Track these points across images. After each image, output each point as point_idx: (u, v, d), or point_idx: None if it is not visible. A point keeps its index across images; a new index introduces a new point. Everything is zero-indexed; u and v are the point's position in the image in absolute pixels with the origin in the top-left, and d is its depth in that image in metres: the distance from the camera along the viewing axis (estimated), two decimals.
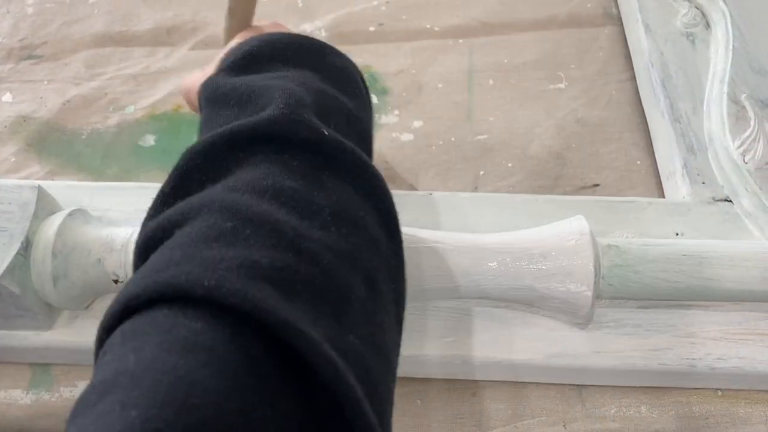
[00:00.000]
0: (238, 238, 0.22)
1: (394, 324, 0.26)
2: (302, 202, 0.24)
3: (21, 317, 0.41)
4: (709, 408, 0.41)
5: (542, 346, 0.41)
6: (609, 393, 0.42)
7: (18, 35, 0.68)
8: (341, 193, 0.26)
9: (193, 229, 0.23)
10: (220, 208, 0.23)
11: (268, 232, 0.23)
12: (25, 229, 0.40)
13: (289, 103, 0.27)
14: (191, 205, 0.25)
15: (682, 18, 0.60)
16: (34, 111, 0.61)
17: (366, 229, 0.26)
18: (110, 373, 0.19)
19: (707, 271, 0.40)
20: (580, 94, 0.61)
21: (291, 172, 0.26)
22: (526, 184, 0.54)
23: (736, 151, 0.48)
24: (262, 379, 0.19)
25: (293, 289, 0.21)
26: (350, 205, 0.26)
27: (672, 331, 0.42)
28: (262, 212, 0.23)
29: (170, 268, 0.21)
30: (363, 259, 0.25)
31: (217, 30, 0.68)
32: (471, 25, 0.67)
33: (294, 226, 0.23)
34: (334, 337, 0.21)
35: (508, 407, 0.42)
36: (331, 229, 0.24)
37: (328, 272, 0.23)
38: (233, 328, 0.19)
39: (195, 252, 0.22)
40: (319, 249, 0.23)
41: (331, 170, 0.27)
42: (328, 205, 0.25)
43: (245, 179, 0.25)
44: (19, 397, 0.43)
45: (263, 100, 0.28)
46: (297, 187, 0.25)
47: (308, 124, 0.27)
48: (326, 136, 0.27)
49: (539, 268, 0.39)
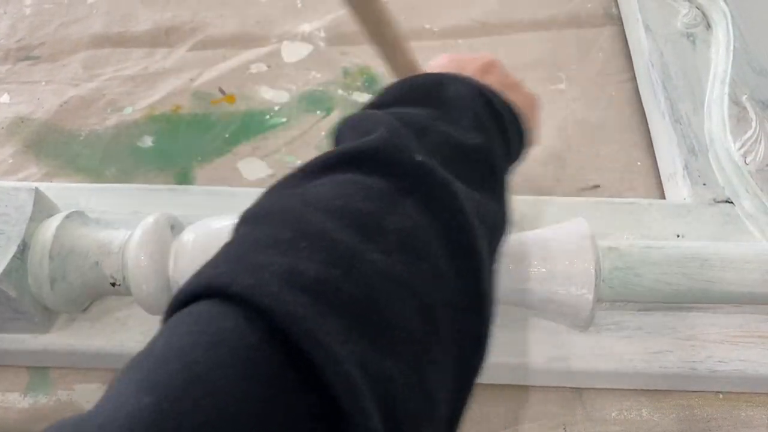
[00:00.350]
0: (292, 249, 0.22)
1: (452, 366, 0.25)
2: (370, 225, 0.24)
3: (18, 320, 0.41)
4: (710, 411, 0.41)
5: (543, 349, 0.41)
6: (610, 396, 0.42)
7: (16, 36, 0.68)
8: (417, 220, 0.26)
9: (254, 234, 0.24)
10: (286, 218, 0.24)
11: (323, 247, 0.23)
12: (22, 232, 0.40)
13: (389, 131, 0.28)
14: (264, 207, 0.26)
15: (683, 18, 0.60)
16: (31, 112, 0.61)
17: (433, 261, 0.25)
18: (141, 353, 0.20)
19: (708, 274, 0.39)
20: (580, 94, 0.60)
21: (370, 193, 0.26)
22: (526, 184, 0.54)
23: (737, 152, 0.47)
24: (278, 390, 0.19)
25: (332, 304, 0.21)
26: (421, 234, 0.25)
27: (673, 334, 0.41)
28: (324, 229, 0.24)
29: (220, 266, 0.22)
30: (420, 291, 0.24)
31: (216, 31, 0.68)
32: (470, 26, 0.67)
33: (351, 246, 0.23)
34: (365, 360, 0.20)
35: (508, 411, 0.41)
36: (393, 255, 0.24)
37: (375, 295, 0.22)
38: (262, 334, 0.19)
39: (247, 255, 0.22)
40: (372, 271, 0.23)
41: (414, 197, 0.26)
42: (396, 231, 0.25)
43: (321, 195, 0.26)
44: (16, 401, 0.43)
45: (369, 129, 0.29)
46: (369, 210, 0.25)
47: (401, 147, 0.28)
48: (416, 161, 0.27)
49: (540, 271, 0.38)
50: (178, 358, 0.19)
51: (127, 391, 0.18)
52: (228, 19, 0.68)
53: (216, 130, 0.59)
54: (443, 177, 0.27)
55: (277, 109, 0.61)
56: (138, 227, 0.41)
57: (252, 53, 0.65)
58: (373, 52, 0.42)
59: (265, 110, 0.61)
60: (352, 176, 0.27)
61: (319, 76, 0.63)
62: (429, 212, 0.26)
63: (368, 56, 0.64)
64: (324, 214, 0.24)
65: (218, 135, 0.59)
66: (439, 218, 0.26)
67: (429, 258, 0.25)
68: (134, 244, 0.40)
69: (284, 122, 0.60)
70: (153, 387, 0.18)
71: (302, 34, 0.67)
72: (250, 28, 0.68)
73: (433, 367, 0.24)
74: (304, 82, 0.63)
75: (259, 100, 0.61)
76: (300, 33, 0.67)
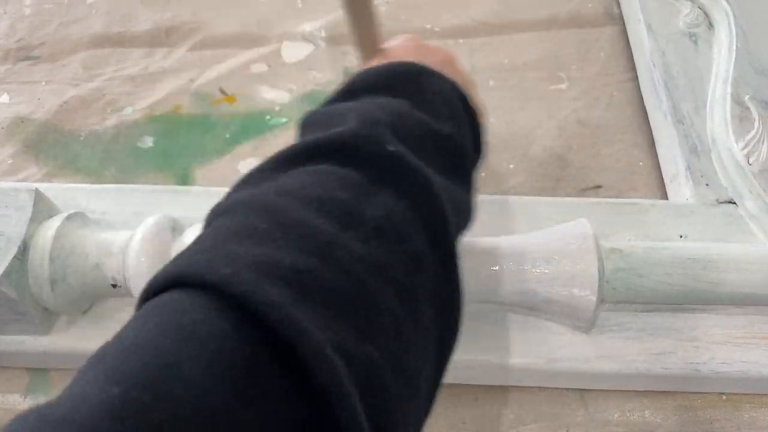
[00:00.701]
0: (268, 239, 0.22)
1: (432, 351, 0.26)
2: (347, 214, 0.25)
3: (18, 322, 0.41)
4: (713, 412, 0.41)
5: (545, 350, 0.41)
6: (612, 397, 0.42)
7: (15, 36, 0.68)
8: (393, 208, 0.26)
9: (230, 223, 0.24)
10: (262, 209, 0.24)
11: (300, 236, 0.23)
12: (22, 233, 0.40)
13: (361, 121, 0.28)
14: (236, 200, 0.25)
15: (685, 18, 0.59)
16: (31, 112, 0.61)
17: (410, 246, 0.25)
18: (108, 344, 0.20)
19: (711, 275, 0.39)
20: (581, 94, 0.60)
21: (345, 183, 0.26)
22: (527, 185, 0.54)
23: (740, 152, 0.47)
24: (253, 377, 0.19)
25: (310, 292, 0.21)
26: (398, 221, 0.26)
27: (676, 335, 0.41)
28: (300, 218, 0.23)
29: (195, 255, 0.22)
30: (399, 277, 0.24)
31: (216, 31, 0.68)
32: (471, 26, 0.67)
33: (329, 234, 0.23)
34: (345, 343, 0.20)
35: (510, 412, 0.41)
36: (372, 242, 0.24)
37: (355, 281, 0.22)
38: (233, 323, 0.19)
39: (222, 245, 0.22)
40: (349, 258, 0.23)
41: (389, 185, 0.27)
42: (374, 218, 0.25)
43: (296, 185, 0.25)
44: (17, 402, 0.43)
45: (340, 119, 0.29)
46: (346, 198, 0.25)
47: (374, 138, 0.28)
48: (390, 151, 0.27)
49: (542, 272, 0.38)
50: (148, 348, 0.18)
51: (95, 381, 0.18)
52: (228, 19, 0.68)
53: (216, 130, 0.59)
54: (417, 165, 0.27)
55: (278, 109, 0.60)
56: (139, 228, 0.40)
57: (252, 53, 0.65)
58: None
59: (265, 111, 0.60)
60: (326, 167, 0.27)
61: (320, 76, 0.63)
62: (405, 200, 0.26)
63: None
64: (299, 203, 0.24)
65: (218, 135, 0.59)
66: (415, 206, 0.26)
67: (406, 244, 0.25)
68: (135, 245, 0.39)
69: (285, 123, 0.59)
70: (122, 377, 0.17)
71: (302, 33, 0.67)
72: (250, 28, 0.67)
73: (414, 350, 0.24)
74: (305, 82, 0.62)
75: (260, 100, 0.61)
76: (300, 33, 0.67)
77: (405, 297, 0.24)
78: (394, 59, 0.37)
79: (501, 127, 0.58)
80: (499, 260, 0.39)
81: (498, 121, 0.58)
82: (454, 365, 0.41)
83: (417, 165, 0.27)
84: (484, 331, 0.42)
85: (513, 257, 0.39)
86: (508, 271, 0.39)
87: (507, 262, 0.39)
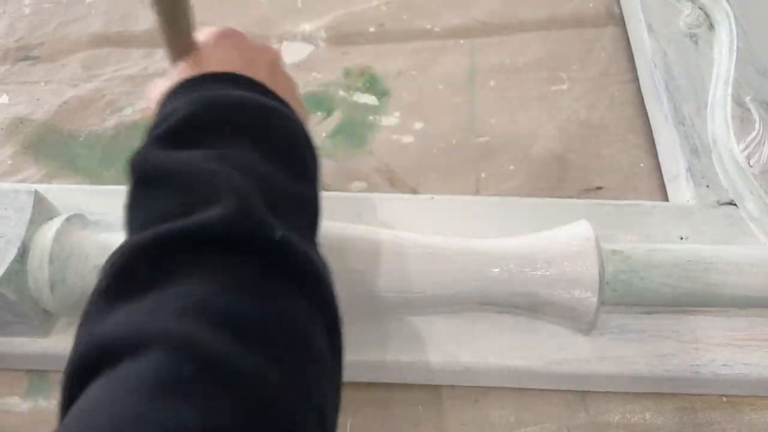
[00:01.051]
0: (198, 391, 0.20)
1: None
2: (256, 331, 0.23)
3: (18, 324, 0.41)
4: (713, 415, 0.41)
5: (545, 352, 0.41)
6: (613, 399, 0.41)
7: (14, 36, 0.68)
8: (291, 307, 0.25)
9: (146, 373, 0.20)
10: (175, 344, 0.21)
11: (228, 379, 0.21)
12: (22, 235, 0.39)
13: (238, 200, 0.26)
14: (138, 331, 0.22)
15: (685, 18, 0.59)
16: (30, 113, 0.61)
17: (314, 349, 0.25)
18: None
19: (712, 277, 0.39)
20: (582, 95, 0.60)
21: (241, 285, 0.24)
22: (528, 186, 0.54)
23: (741, 154, 0.47)
24: None
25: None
26: (300, 322, 0.25)
27: (676, 337, 0.41)
28: (219, 353, 0.21)
29: None
30: (315, 394, 0.24)
31: None
32: (472, 26, 0.67)
33: (255, 370, 0.22)
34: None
35: (511, 413, 0.41)
36: (283, 363, 0.23)
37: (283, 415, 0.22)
38: None
39: (147, 414, 0.19)
40: (283, 398, 0.22)
41: (281, 277, 0.25)
42: (281, 329, 0.24)
43: (194, 300, 0.23)
44: (16, 405, 0.43)
45: (205, 190, 0.26)
46: (248, 312, 0.23)
47: (258, 226, 0.26)
48: (276, 241, 0.25)
49: (543, 274, 0.38)
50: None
51: None
52: (228, 19, 0.68)
53: None
54: (303, 251, 0.26)
55: None
56: None
57: None
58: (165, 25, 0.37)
59: None
60: (211, 264, 0.24)
61: (320, 77, 0.63)
62: (297, 293, 0.25)
63: (370, 56, 0.64)
64: (209, 326, 0.22)
65: None
66: (310, 298, 0.26)
67: (314, 345, 0.25)
68: None
69: None
70: None
71: (302, 34, 0.67)
72: (250, 28, 0.67)
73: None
74: (305, 83, 0.62)
75: None
76: (300, 33, 0.67)
77: (322, 415, 0.24)
78: (213, 60, 0.33)
79: (501, 128, 0.58)
80: (500, 262, 0.39)
81: (498, 121, 0.58)
82: (455, 368, 0.41)
83: (303, 251, 0.26)
84: (484, 333, 0.42)
85: (514, 259, 0.39)
86: (509, 273, 0.39)
87: (508, 264, 0.39)
